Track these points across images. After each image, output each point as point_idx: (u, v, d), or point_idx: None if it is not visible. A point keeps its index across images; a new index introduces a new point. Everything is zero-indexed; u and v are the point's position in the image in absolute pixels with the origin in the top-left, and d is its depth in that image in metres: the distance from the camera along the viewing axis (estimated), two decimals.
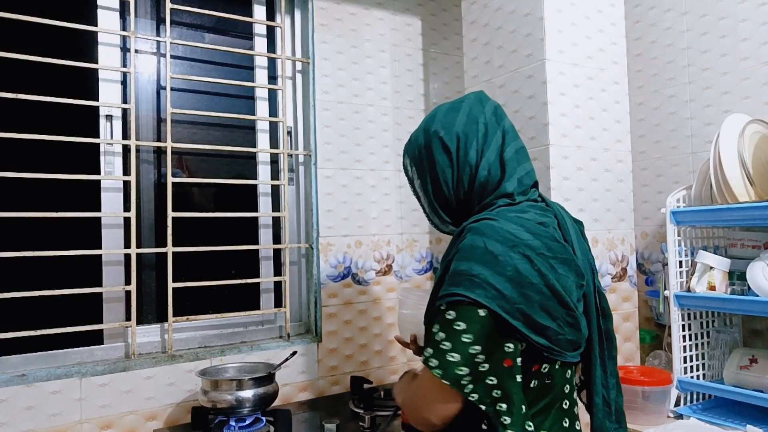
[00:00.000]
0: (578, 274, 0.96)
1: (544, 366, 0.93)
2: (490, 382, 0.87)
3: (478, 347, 0.86)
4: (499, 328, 0.87)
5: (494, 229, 0.92)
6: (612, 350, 1.05)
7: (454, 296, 0.89)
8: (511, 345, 0.88)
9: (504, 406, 0.88)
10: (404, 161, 1.13)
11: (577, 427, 1.02)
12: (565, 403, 0.99)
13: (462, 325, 0.87)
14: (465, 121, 1.03)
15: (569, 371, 0.99)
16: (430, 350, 0.89)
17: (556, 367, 0.95)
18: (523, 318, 0.88)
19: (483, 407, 0.88)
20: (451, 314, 0.88)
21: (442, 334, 0.88)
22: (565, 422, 0.99)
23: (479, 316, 0.87)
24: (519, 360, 0.89)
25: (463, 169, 1.01)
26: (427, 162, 1.06)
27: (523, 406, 0.90)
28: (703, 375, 1.66)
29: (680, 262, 1.64)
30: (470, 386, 0.87)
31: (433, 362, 0.88)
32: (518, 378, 0.89)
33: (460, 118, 1.04)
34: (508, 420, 0.88)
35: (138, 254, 1.73)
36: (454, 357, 0.86)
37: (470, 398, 0.87)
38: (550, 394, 0.95)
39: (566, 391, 0.99)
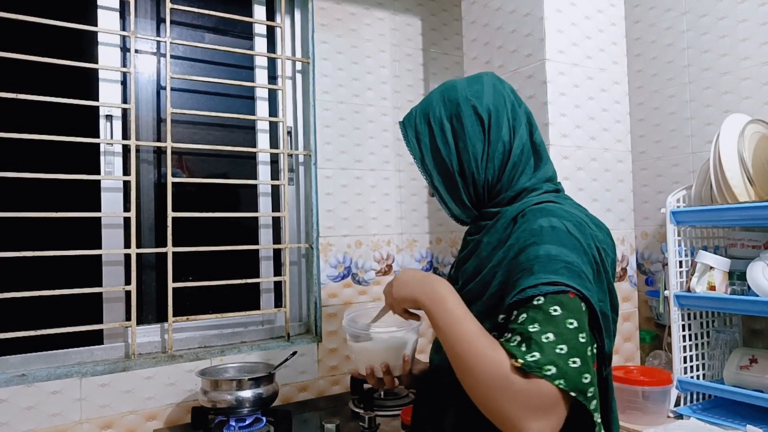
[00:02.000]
0: (614, 277, 0.89)
1: None
2: (595, 390, 0.73)
3: (591, 349, 0.73)
4: (591, 328, 0.76)
5: (566, 212, 0.82)
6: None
7: (556, 285, 0.74)
8: (595, 346, 0.77)
9: (599, 416, 0.76)
10: (408, 136, 1.00)
11: None
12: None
13: (574, 323, 0.72)
14: (493, 94, 0.93)
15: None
16: (536, 354, 0.70)
17: None
18: (603, 318, 0.79)
19: (597, 419, 0.74)
20: (556, 310, 0.73)
21: (550, 335, 0.71)
22: None
23: (583, 311, 0.74)
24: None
25: (495, 146, 0.91)
26: (452, 134, 0.93)
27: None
28: (703, 375, 1.66)
29: (680, 262, 1.64)
30: (593, 397, 0.72)
31: (551, 369, 0.69)
32: None
33: (487, 90, 0.94)
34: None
35: (138, 254, 1.73)
36: (576, 362, 0.70)
37: (592, 409, 0.72)
38: None
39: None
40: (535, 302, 0.74)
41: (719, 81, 1.83)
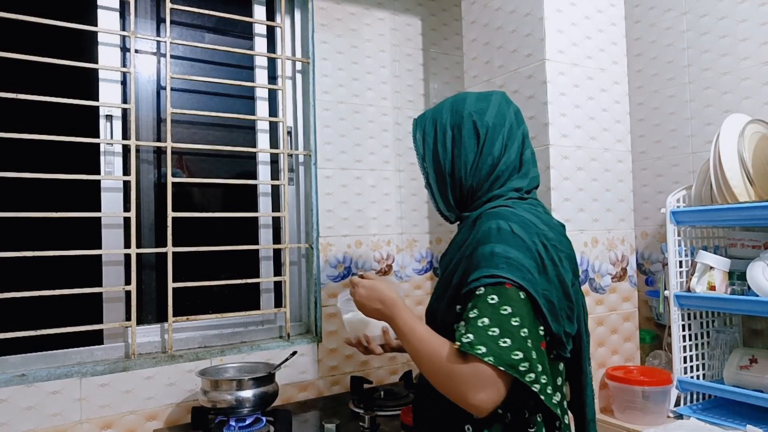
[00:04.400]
0: (575, 273, 1.03)
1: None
2: (540, 366, 0.87)
3: (526, 330, 0.87)
4: (534, 312, 0.90)
5: (515, 215, 0.96)
6: (589, 347, 1.11)
7: (494, 278, 0.88)
8: (542, 329, 0.92)
9: (550, 389, 0.89)
10: (415, 135, 1.13)
11: (566, 421, 1.05)
12: (557, 396, 1.00)
13: (508, 309, 0.87)
14: (495, 113, 1.06)
15: (561, 364, 1.03)
16: (470, 336, 0.86)
17: (551, 356, 0.98)
18: (548, 304, 0.92)
19: (537, 389, 0.86)
20: (493, 298, 0.88)
21: (485, 320, 0.86)
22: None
23: (521, 298, 0.89)
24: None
25: (485, 159, 1.04)
26: (451, 141, 1.07)
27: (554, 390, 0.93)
28: (703, 375, 1.66)
29: (680, 262, 1.64)
30: (528, 371, 0.85)
31: (481, 349, 0.84)
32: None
33: (491, 109, 1.06)
34: (556, 400, 0.93)
35: (138, 254, 1.73)
36: (506, 342, 0.85)
37: (527, 381, 0.85)
38: None
39: (558, 383, 1.01)
40: (477, 293, 0.90)
41: (719, 81, 1.83)
